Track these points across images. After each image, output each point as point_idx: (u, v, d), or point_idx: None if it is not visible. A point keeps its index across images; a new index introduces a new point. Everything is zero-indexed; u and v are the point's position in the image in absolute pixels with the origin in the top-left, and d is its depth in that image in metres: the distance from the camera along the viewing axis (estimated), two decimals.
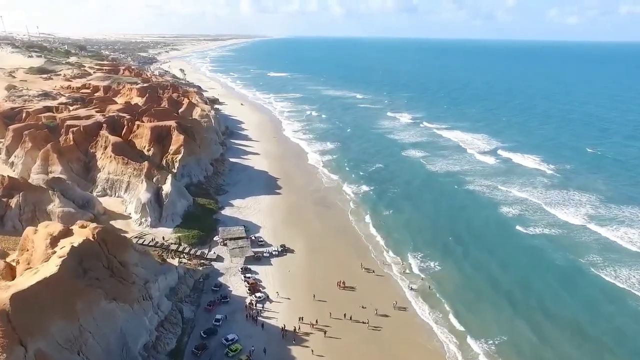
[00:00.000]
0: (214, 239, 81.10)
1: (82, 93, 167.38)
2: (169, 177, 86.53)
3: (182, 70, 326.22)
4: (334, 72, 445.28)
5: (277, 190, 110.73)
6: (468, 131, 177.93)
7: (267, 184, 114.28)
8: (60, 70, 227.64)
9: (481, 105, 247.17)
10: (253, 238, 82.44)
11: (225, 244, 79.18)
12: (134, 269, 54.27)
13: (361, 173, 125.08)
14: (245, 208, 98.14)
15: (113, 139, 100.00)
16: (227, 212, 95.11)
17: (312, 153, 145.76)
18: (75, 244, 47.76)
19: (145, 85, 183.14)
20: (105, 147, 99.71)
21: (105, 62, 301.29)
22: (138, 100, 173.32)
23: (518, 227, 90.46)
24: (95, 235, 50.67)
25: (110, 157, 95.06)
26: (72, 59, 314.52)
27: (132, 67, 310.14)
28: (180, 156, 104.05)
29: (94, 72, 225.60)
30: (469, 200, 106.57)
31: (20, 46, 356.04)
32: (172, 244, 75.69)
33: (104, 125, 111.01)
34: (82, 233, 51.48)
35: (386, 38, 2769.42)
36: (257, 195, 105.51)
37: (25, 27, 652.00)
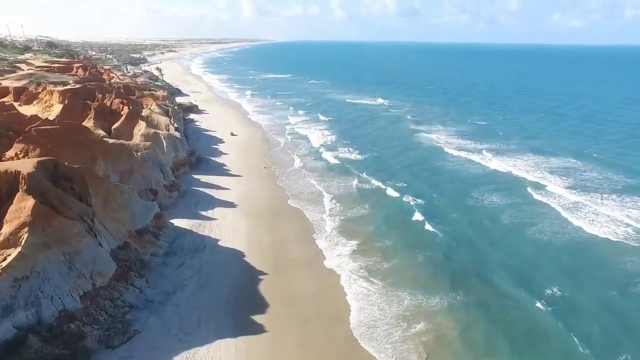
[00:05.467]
0: None
1: None
2: None
3: (159, 70, 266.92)
4: (339, 75, 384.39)
5: (257, 318, 49.23)
6: (504, 154, 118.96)
7: (238, 297, 52.60)
8: None
9: (496, 110, 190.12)
10: None
11: None
12: None
13: (419, 255, 63.70)
14: None
15: None
16: None
17: (319, 211, 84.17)
18: None
19: (75, 87, 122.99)
20: None
21: (62, 60, 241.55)
22: (58, 108, 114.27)
23: None
24: None
25: None
26: (26, 56, 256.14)
27: (101, 65, 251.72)
28: (16, 252, 42.94)
29: (27, 70, 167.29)
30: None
31: None
32: None
33: None
34: None
35: (389, 42, 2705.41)
36: (209, 343, 44.48)
37: (6, 26, 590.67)
